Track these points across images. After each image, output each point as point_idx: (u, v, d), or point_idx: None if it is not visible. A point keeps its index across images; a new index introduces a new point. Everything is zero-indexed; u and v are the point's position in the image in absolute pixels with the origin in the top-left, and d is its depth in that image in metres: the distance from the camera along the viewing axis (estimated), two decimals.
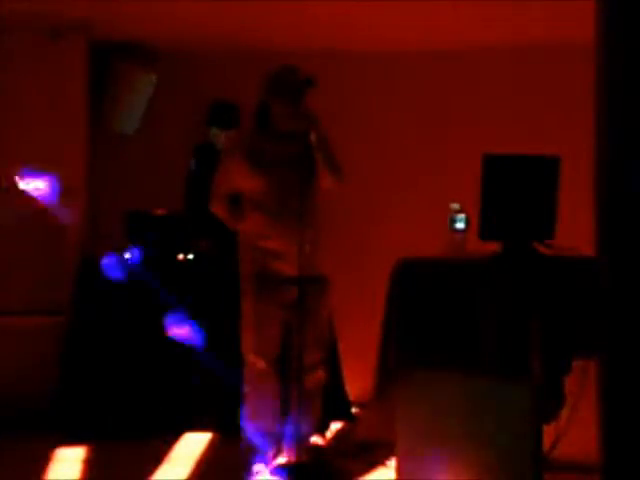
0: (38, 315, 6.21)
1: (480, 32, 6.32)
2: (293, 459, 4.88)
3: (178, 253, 6.10)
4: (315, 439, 5.18)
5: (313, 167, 4.84)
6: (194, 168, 6.41)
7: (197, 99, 6.56)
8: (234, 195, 5.03)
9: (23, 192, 6.27)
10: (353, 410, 6.25)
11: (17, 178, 6.25)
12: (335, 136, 4.92)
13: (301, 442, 4.87)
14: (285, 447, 4.99)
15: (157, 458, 5.30)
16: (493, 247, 4.24)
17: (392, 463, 4.42)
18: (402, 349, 4.10)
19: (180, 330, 5.45)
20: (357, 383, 6.14)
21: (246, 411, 5.05)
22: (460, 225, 4.40)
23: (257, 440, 5.03)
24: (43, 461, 5.26)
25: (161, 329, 5.92)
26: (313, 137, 4.79)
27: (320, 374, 5.06)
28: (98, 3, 5.78)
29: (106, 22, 6.21)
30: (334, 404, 5.85)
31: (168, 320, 5.24)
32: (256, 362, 4.98)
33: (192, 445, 5.63)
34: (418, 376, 4.09)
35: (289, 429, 4.90)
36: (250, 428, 5.04)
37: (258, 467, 4.96)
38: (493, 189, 4.12)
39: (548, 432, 4.04)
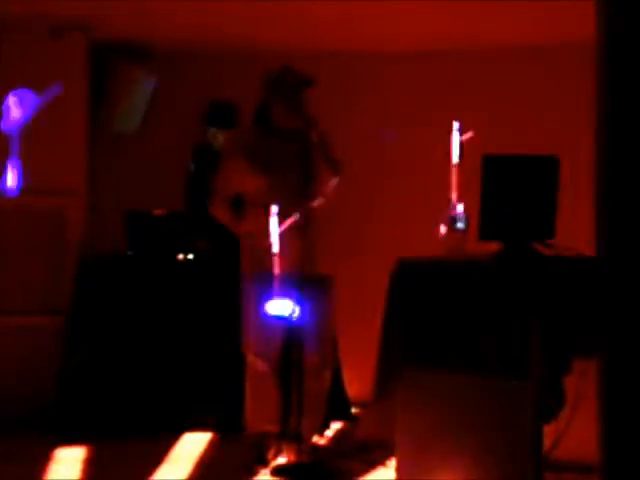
0: (38, 315, 6.21)
1: (480, 32, 6.32)
2: (293, 459, 4.89)
3: (178, 253, 6.10)
4: (315, 439, 5.18)
5: (313, 166, 4.84)
6: (193, 169, 6.43)
7: (197, 99, 6.56)
8: (235, 197, 5.03)
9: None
10: (353, 410, 6.25)
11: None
12: (334, 136, 4.93)
13: (301, 442, 4.87)
14: (285, 447, 4.99)
15: (157, 458, 5.29)
16: (493, 247, 4.23)
17: (392, 463, 4.42)
18: (402, 349, 4.10)
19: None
20: (357, 383, 6.13)
21: (246, 411, 5.05)
22: (460, 225, 4.40)
23: (257, 439, 5.03)
24: (43, 461, 5.26)
25: (161, 329, 5.92)
26: (314, 136, 4.80)
27: (325, 376, 5.06)
28: (98, 3, 5.78)
29: (106, 22, 6.21)
30: (334, 404, 5.84)
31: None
32: (256, 362, 4.99)
33: (192, 445, 5.63)
34: (418, 376, 4.09)
35: (290, 429, 4.91)
36: (250, 427, 5.04)
37: (258, 467, 4.96)
38: (493, 189, 4.12)
39: (548, 432, 4.03)
